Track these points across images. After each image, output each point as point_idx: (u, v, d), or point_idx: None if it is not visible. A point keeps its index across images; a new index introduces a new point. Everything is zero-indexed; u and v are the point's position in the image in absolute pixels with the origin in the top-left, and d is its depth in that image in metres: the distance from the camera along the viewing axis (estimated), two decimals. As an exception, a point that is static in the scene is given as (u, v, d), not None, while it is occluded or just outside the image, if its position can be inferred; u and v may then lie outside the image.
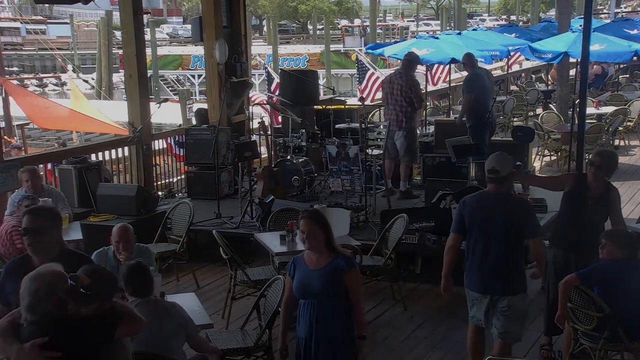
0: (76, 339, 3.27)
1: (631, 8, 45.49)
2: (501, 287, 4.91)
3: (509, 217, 4.88)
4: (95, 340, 3.31)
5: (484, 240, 4.94)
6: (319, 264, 4.37)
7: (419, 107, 9.88)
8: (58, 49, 42.75)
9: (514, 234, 4.88)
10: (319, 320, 4.33)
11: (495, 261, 4.90)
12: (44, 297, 3.25)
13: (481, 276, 4.99)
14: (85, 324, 3.29)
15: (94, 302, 3.32)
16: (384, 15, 77.90)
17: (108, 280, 3.49)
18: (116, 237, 5.24)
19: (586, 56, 7.35)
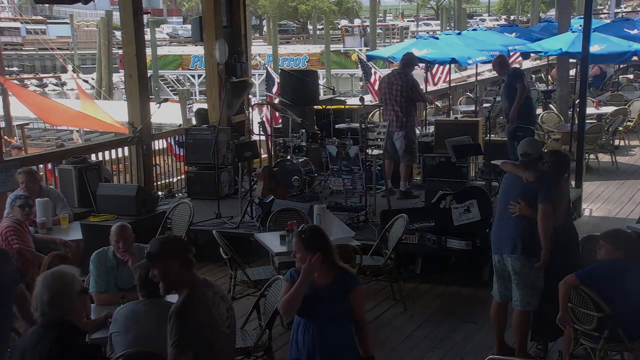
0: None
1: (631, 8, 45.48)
2: (509, 247, 5.44)
3: (526, 185, 5.38)
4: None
5: (503, 205, 5.55)
6: (321, 281, 4.04)
7: (425, 102, 10.19)
8: (58, 49, 42.75)
9: (528, 200, 5.35)
10: (322, 342, 3.99)
11: (508, 223, 5.47)
12: (63, 294, 3.40)
13: (496, 238, 5.60)
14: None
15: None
16: (384, 15, 77.89)
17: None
18: (115, 237, 5.24)
19: (586, 56, 7.38)
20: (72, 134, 20.44)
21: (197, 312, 3.44)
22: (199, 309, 3.46)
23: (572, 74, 16.08)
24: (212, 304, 3.51)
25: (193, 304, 3.47)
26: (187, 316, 3.40)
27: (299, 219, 7.16)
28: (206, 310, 3.47)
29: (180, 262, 3.57)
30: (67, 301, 3.41)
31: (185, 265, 3.58)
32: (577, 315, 5.08)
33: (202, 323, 3.44)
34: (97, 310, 5.03)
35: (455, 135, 9.49)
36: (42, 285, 3.41)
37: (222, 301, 3.58)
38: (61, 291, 3.40)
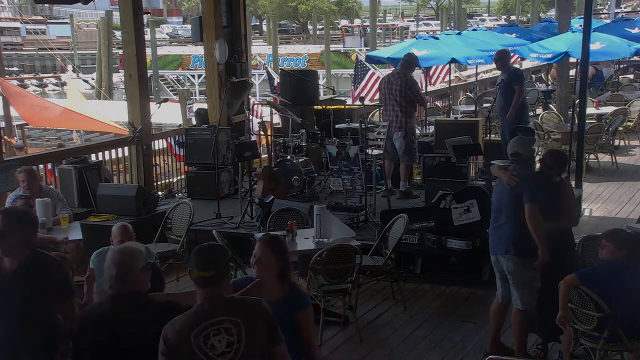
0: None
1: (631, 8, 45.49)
2: (502, 247, 5.52)
3: (512, 188, 5.44)
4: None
5: (496, 206, 5.63)
6: (271, 296, 3.83)
7: (422, 105, 9.98)
8: (58, 49, 42.77)
9: (515, 202, 5.41)
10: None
11: (502, 224, 5.55)
12: (132, 269, 3.66)
13: (491, 239, 5.68)
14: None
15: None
16: (384, 15, 78.00)
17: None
18: (118, 237, 5.23)
19: (586, 56, 7.38)
20: (72, 134, 20.44)
21: (171, 336, 3.34)
22: (178, 333, 3.34)
23: (572, 74, 16.08)
24: (198, 335, 3.33)
25: (173, 326, 3.37)
26: (165, 339, 3.35)
27: (299, 219, 7.17)
28: (185, 340, 3.33)
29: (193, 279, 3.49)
30: (132, 275, 3.68)
31: (193, 282, 3.46)
32: (577, 315, 5.07)
33: (173, 347, 3.33)
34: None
35: (455, 135, 9.48)
36: (110, 261, 3.70)
37: (221, 334, 3.35)
38: (127, 265, 3.68)
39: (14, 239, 3.88)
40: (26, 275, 3.87)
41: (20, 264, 3.88)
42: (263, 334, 3.44)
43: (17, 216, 4.04)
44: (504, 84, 9.90)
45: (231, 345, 3.34)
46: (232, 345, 3.34)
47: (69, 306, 4.05)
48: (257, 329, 3.42)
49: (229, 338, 3.34)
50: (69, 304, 4.05)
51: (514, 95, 9.90)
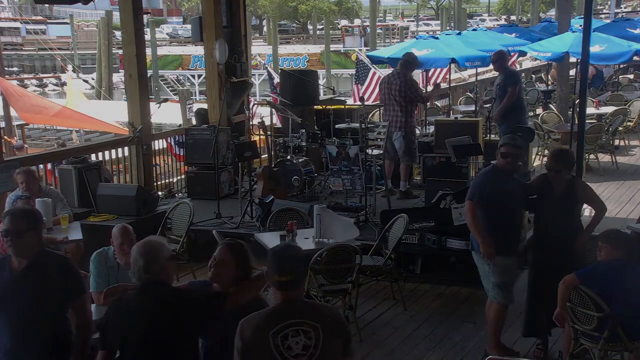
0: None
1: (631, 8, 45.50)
2: (471, 244, 5.81)
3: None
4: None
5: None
6: (234, 304, 3.83)
7: (423, 103, 10.05)
8: (58, 49, 42.76)
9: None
10: None
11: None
12: (157, 259, 3.74)
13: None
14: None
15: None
16: (384, 15, 77.99)
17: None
18: (119, 239, 5.22)
19: (586, 56, 7.36)
20: (71, 133, 20.45)
21: (249, 331, 3.36)
22: (257, 327, 3.36)
23: (572, 74, 16.08)
24: (276, 334, 3.33)
25: (251, 321, 3.39)
26: (242, 331, 3.37)
27: (299, 219, 7.17)
28: (259, 334, 3.35)
29: (272, 280, 3.47)
30: (158, 265, 3.75)
31: (277, 285, 3.45)
32: (577, 315, 5.08)
33: (249, 343, 3.36)
34: (98, 310, 5.03)
35: (455, 135, 9.49)
36: (136, 253, 3.78)
37: (300, 336, 3.35)
38: (153, 255, 3.76)
39: (28, 239, 3.92)
40: (36, 273, 3.90)
41: (30, 263, 3.91)
42: (339, 344, 3.44)
43: (30, 216, 4.07)
44: (501, 84, 9.88)
45: (307, 349, 3.34)
46: (308, 349, 3.35)
47: (81, 302, 4.10)
48: (334, 337, 3.42)
49: (306, 341, 3.34)
50: (81, 300, 4.10)
51: (504, 97, 9.78)
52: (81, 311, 4.10)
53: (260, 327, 3.35)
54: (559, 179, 5.61)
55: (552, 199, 5.60)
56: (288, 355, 3.32)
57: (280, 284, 3.42)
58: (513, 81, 9.99)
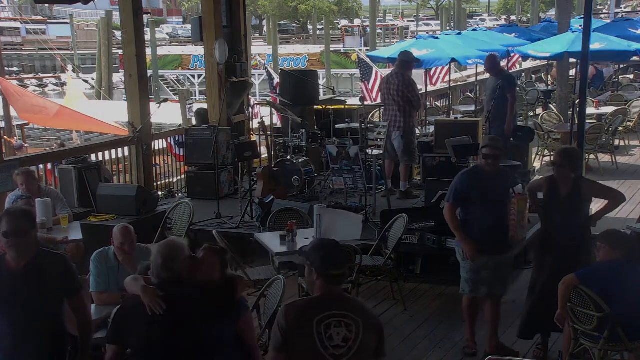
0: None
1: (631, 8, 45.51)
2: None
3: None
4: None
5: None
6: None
7: (417, 107, 9.83)
8: (58, 49, 42.74)
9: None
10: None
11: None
12: (175, 258, 3.81)
13: None
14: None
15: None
16: (384, 15, 77.98)
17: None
18: (120, 239, 5.22)
19: (586, 56, 7.37)
20: (72, 134, 20.45)
21: (298, 317, 3.44)
22: (302, 314, 3.45)
23: (572, 74, 16.08)
24: (320, 322, 3.42)
25: (301, 308, 3.50)
26: (287, 316, 3.45)
27: (299, 219, 7.17)
28: (307, 321, 3.43)
29: (319, 274, 3.55)
30: (177, 263, 3.81)
31: (325, 280, 3.54)
32: (577, 315, 5.08)
33: (295, 329, 3.42)
34: (98, 310, 5.03)
35: (455, 135, 9.48)
36: (157, 252, 3.86)
37: (342, 327, 3.43)
38: (171, 255, 3.82)
39: (29, 239, 3.93)
40: (35, 273, 3.91)
41: (28, 263, 3.91)
42: (374, 342, 3.54)
43: (29, 216, 4.08)
44: (497, 88, 9.64)
45: (347, 341, 3.43)
46: (348, 341, 3.44)
47: (79, 299, 4.11)
48: (372, 334, 3.52)
49: (347, 333, 3.44)
50: (78, 296, 4.11)
51: (501, 100, 9.54)
52: (80, 310, 4.12)
53: (306, 312, 3.46)
54: (564, 179, 5.59)
55: (559, 200, 5.60)
56: (328, 345, 3.41)
57: (333, 277, 3.53)
58: (513, 86, 9.92)
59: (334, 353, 3.40)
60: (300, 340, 3.40)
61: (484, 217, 5.69)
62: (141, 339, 3.73)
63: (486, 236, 5.69)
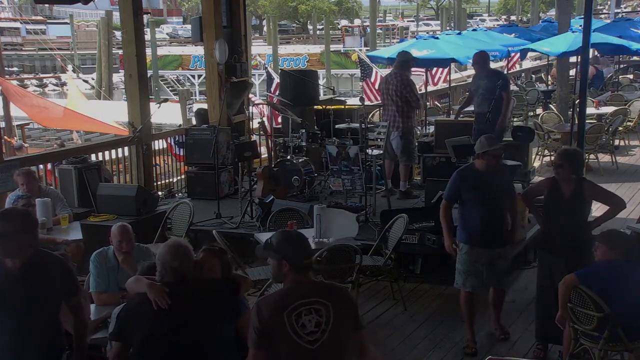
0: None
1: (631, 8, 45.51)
2: None
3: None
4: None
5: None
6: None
7: (416, 107, 9.82)
8: (58, 49, 42.75)
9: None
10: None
11: None
12: (187, 259, 3.91)
13: None
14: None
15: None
16: (384, 15, 77.98)
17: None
18: (118, 237, 5.22)
19: (586, 56, 7.37)
20: (72, 134, 20.45)
21: (269, 310, 3.49)
22: (272, 308, 3.50)
23: (572, 74, 16.08)
24: (292, 312, 3.47)
25: (271, 301, 3.55)
26: (258, 312, 3.49)
27: (299, 219, 7.17)
28: (277, 314, 3.47)
29: (290, 265, 3.58)
30: (187, 264, 3.92)
31: (296, 270, 3.59)
32: (577, 315, 5.08)
33: (268, 323, 3.47)
34: (97, 310, 5.03)
35: (455, 135, 9.47)
36: (166, 253, 3.89)
37: (312, 314, 3.49)
38: (183, 256, 3.92)
39: (19, 240, 3.88)
40: (31, 274, 3.89)
41: (24, 264, 3.89)
42: (349, 319, 3.60)
43: (20, 217, 4.04)
44: (490, 87, 9.49)
45: (319, 326, 3.48)
46: (320, 325, 3.49)
47: (76, 301, 4.10)
48: (344, 313, 3.58)
49: (318, 318, 3.49)
50: (76, 298, 4.10)
51: (500, 101, 9.38)
52: (78, 311, 4.11)
53: (276, 307, 3.49)
54: (565, 180, 5.59)
55: (560, 201, 5.60)
56: (302, 333, 3.45)
57: (304, 266, 3.60)
58: (507, 86, 9.79)
59: (309, 339, 3.45)
60: (274, 334, 3.45)
61: (479, 212, 5.86)
62: (144, 337, 3.75)
63: (481, 231, 5.86)
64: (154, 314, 3.74)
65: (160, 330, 3.74)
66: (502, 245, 5.99)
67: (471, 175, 5.98)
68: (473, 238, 5.92)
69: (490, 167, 5.88)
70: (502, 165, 6.13)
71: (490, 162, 5.85)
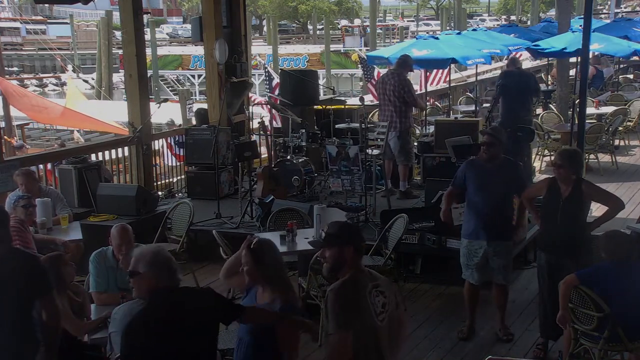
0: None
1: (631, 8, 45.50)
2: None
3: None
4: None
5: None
6: (261, 299, 3.89)
7: (414, 106, 9.90)
8: (58, 49, 42.75)
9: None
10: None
11: None
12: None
13: None
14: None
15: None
16: (384, 15, 77.95)
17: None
18: (118, 240, 5.22)
19: (586, 56, 7.37)
20: (72, 133, 20.45)
21: (354, 293, 3.58)
22: (356, 291, 3.60)
23: (572, 74, 16.07)
24: (369, 293, 3.62)
25: (352, 285, 3.61)
26: (345, 295, 3.57)
27: (299, 219, 7.17)
28: (362, 295, 3.59)
29: (354, 249, 3.70)
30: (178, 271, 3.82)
31: (357, 253, 3.73)
32: (577, 315, 5.08)
33: (357, 304, 3.57)
34: (97, 310, 5.04)
35: (455, 135, 9.48)
36: (165, 258, 3.77)
37: (380, 295, 3.67)
38: (174, 262, 3.81)
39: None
40: (3, 272, 3.89)
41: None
42: (396, 299, 3.83)
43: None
44: (519, 86, 9.84)
45: (385, 306, 3.68)
46: (385, 305, 3.68)
47: (49, 300, 4.05)
48: (393, 293, 3.82)
49: (383, 299, 3.68)
50: (49, 297, 4.05)
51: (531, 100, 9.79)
52: (49, 309, 4.06)
53: (359, 288, 3.61)
54: (565, 180, 5.59)
55: (560, 201, 5.60)
56: (375, 313, 3.62)
57: (362, 249, 3.79)
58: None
59: (381, 319, 3.62)
60: (361, 313, 3.56)
61: (479, 204, 6.01)
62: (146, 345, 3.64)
63: (480, 223, 6.00)
64: (148, 325, 3.63)
65: (154, 341, 3.62)
66: (498, 240, 6.00)
67: (476, 165, 6.15)
68: (469, 231, 6.10)
69: (492, 161, 5.99)
70: (506, 160, 6.12)
71: (483, 151, 6.03)
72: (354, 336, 3.51)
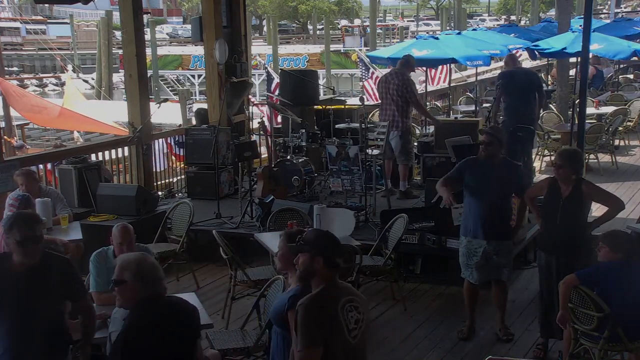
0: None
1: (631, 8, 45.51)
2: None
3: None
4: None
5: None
6: (287, 286, 3.98)
7: (415, 107, 9.89)
8: (58, 49, 42.75)
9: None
10: (271, 352, 3.96)
11: None
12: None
13: None
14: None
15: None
16: (384, 15, 77.93)
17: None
18: (119, 239, 5.21)
19: (586, 56, 7.37)
20: (72, 133, 20.45)
21: (324, 309, 3.46)
22: (327, 305, 3.47)
23: (572, 74, 16.07)
24: (342, 308, 3.49)
25: (322, 300, 3.49)
26: (315, 310, 3.43)
27: (299, 219, 7.17)
28: (333, 310, 3.47)
29: (325, 261, 3.56)
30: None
31: (329, 266, 3.57)
32: (577, 315, 5.08)
33: (328, 320, 3.45)
34: (97, 310, 5.03)
35: (455, 135, 9.48)
36: (154, 266, 3.70)
37: (354, 311, 3.53)
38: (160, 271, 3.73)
39: (40, 242, 3.97)
40: (40, 275, 3.92)
41: (32, 265, 3.92)
42: (367, 316, 3.68)
43: (40, 221, 4.13)
44: (525, 85, 9.82)
45: (358, 322, 3.55)
46: (359, 322, 3.55)
47: (85, 302, 4.18)
48: (367, 309, 3.69)
49: (357, 315, 3.55)
50: (85, 300, 4.18)
51: (534, 98, 9.76)
52: (86, 310, 4.21)
53: (330, 302, 3.48)
54: (565, 180, 5.59)
55: (560, 201, 5.60)
56: (349, 328, 3.49)
57: (339, 267, 3.61)
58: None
59: (353, 336, 3.49)
60: (332, 328, 3.44)
61: (477, 203, 5.99)
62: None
63: (479, 221, 5.97)
64: (157, 330, 3.57)
65: (159, 345, 3.58)
66: (497, 239, 6.00)
67: (475, 162, 6.13)
68: (468, 229, 6.09)
69: (491, 160, 5.99)
70: (505, 160, 6.12)
71: (482, 150, 6.04)
72: (324, 353, 3.39)
